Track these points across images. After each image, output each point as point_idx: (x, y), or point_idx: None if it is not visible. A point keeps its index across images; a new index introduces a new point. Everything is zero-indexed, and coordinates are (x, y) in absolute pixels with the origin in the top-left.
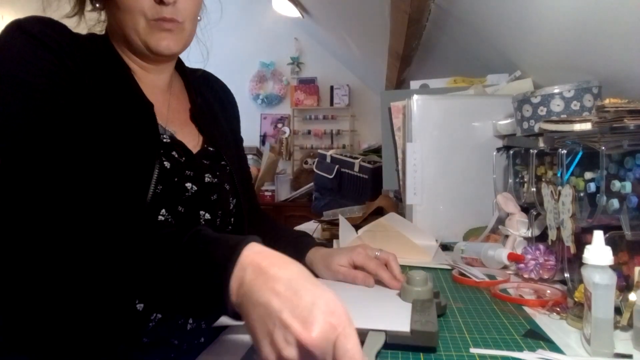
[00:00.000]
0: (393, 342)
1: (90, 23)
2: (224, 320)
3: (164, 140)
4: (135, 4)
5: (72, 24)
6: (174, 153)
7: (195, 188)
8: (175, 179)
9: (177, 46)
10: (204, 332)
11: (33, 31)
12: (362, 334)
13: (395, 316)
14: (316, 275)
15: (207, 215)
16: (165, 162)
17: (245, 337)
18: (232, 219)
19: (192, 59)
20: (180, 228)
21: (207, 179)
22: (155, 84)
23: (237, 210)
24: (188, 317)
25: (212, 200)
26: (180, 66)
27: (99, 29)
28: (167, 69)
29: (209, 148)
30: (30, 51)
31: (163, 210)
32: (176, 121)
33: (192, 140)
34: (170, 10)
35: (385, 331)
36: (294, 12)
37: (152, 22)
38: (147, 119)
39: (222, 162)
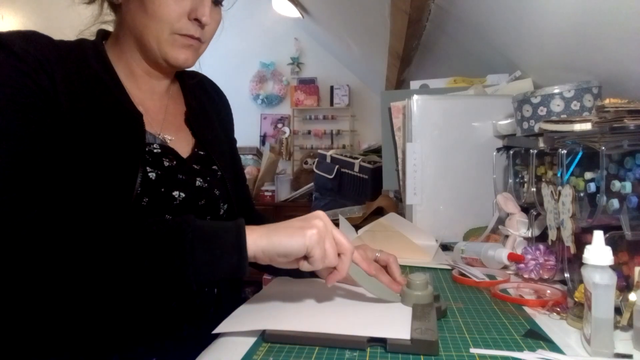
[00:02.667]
0: (393, 351)
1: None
2: (224, 326)
3: (154, 150)
4: (166, 14)
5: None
6: (165, 160)
7: (184, 195)
8: (162, 189)
9: (193, 61)
10: (202, 336)
11: (13, 48)
12: (363, 342)
13: (395, 322)
14: (317, 276)
15: None
16: (150, 174)
17: (244, 339)
18: None
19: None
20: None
21: (197, 183)
22: (155, 89)
23: (229, 216)
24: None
25: (200, 205)
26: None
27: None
28: (171, 75)
29: (200, 152)
30: (8, 67)
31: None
32: (172, 126)
33: (187, 145)
34: (200, 31)
35: (386, 339)
36: (294, 12)
37: (175, 35)
38: (134, 131)
39: (214, 167)
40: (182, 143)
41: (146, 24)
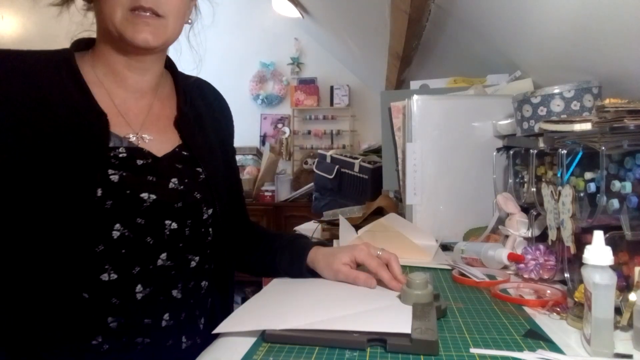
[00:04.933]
0: (393, 351)
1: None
2: (224, 326)
3: (120, 154)
4: None
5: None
6: (138, 161)
7: (154, 197)
8: (128, 192)
9: (155, 40)
10: (199, 347)
11: None
12: (363, 342)
13: (395, 321)
14: (318, 275)
15: (174, 225)
16: (112, 176)
17: (244, 339)
18: (210, 229)
19: (184, 66)
20: None
21: (171, 185)
22: (138, 85)
23: (213, 221)
24: None
25: (177, 208)
26: (173, 70)
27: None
28: (151, 68)
29: (183, 152)
30: None
31: (117, 225)
32: (153, 127)
33: (169, 146)
34: (151, 1)
35: (386, 339)
36: (294, 12)
37: (129, 12)
38: (94, 134)
39: (197, 169)
40: (164, 144)
41: (101, 9)
